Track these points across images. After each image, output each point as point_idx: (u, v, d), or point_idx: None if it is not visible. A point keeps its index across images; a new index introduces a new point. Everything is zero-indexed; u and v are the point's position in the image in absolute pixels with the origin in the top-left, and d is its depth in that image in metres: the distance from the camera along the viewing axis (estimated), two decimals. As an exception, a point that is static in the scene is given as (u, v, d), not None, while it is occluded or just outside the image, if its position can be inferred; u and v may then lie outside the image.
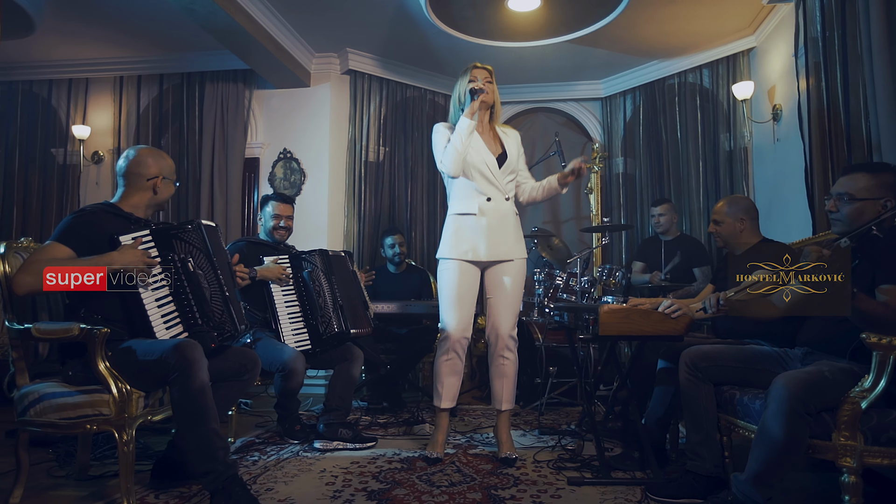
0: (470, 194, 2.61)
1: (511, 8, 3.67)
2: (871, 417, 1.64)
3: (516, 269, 2.64)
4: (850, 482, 1.62)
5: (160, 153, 2.33)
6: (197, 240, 2.20)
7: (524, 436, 3.10)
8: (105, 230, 2.08)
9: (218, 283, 2.23)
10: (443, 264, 2.63)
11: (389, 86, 4.93)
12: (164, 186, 2.28)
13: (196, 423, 1.94)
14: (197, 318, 2.12)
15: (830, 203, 2.01)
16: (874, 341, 1.60)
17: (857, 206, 1.91)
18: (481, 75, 2.64)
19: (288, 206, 3.21)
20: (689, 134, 4.66)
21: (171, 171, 2.33)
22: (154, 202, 2.28)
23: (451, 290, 2.58)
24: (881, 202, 1.89)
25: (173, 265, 2.12)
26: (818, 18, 2.99)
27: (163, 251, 2.11)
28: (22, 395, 1.97)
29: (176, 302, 2.11)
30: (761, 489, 1.73)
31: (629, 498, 2.15)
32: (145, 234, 2.11)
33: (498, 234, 2.60)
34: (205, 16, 3.55)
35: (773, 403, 1.70)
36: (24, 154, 4.99)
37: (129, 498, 1.91)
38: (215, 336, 2.14)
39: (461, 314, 2.58)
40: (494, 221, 2.60)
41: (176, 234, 2.16)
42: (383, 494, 2.17)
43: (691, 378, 2.13)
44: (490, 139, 2.68)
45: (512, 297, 2.62)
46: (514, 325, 2.64)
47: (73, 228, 2.05)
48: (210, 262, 2.22)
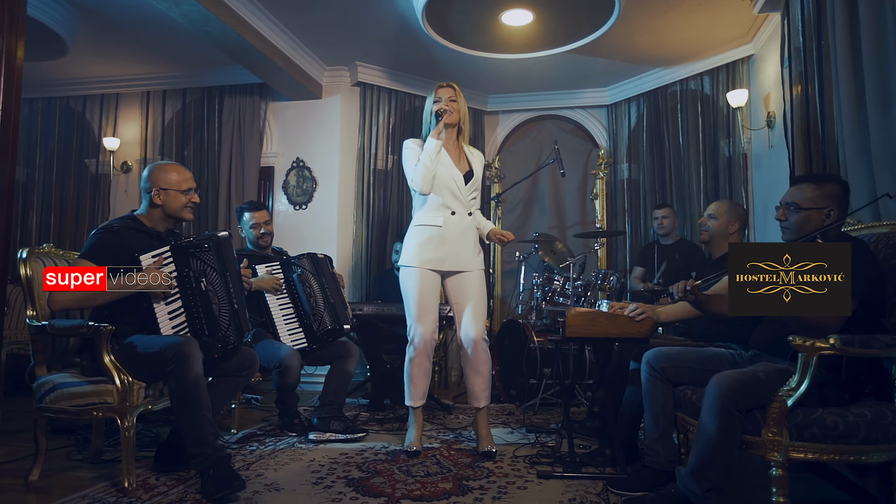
0: (436, 207, 2.78)
1: (505, 23, 3.82)
2: (798, 415, 1.73)
3: (476, 278, 2.81)
4: (777, 475, 1.72)
5: (164, 167, 2.47)
6: (211, 257, 2.38)
7: (511, 433, 3.24)
8: (129, 247, 2.29)
9: (227, 297, 2.41)
10: (404, 272, 2.81)
11: (398, 97, 5.13)
12: (168, 197, 2.41)
13: (190, 410, 2.16)
14: (205, 331, 2.34)
15: (779, 212, 2.11)
16: (799, 343, 1.70)
17: (804, 215, 2.00)
18: (445, 94, 2.80)
19: (263, 213, 3.41)
20: (691, 140, 4.72)
21: (170, 183, 2.41)
22: (165, 214, 2.44)
23: (414, 296, 2.75)
24: (825, 211, 1.98)
25: (188, 281, 2.32)
26: (800, 29, 3.05)
27: (180, 266, 2.32)
28: (39, 384, 2.23)
29: (187, 314, 2.34)
30: (699, 481, 1.84)
31: (590, 490, 2.27)
32: (165, 250, 2.33)
33: (459, 247, 2.77)
34: (218, 36, 3.82)
35: (708, 401, 1.81)
36: (60, 164, 5.39)
37: (130, 477, 2.15)
38: (219, 347, 2.36)
39: (427, 319, 2.76)
40: (456, 234, 2.78)
41: (193, 253, 2.35)
42: (361, 482, 2.35)
43: (651, 378, 2.24)
44: (457, 156, 2.84)
45: (477, 303, 2.78)
46: (483, 329, 2.79)
47: (99, 245, 2.28)
48: (222, 278, 2.40)
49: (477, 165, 2.88)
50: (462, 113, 2.84)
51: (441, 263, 2.77)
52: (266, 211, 3.46)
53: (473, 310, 2.77)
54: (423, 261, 2.76)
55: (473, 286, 2.80)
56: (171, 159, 5.22)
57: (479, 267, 2.84)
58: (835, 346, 1.67)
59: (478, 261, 2.84)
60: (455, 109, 2.79)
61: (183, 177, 2.46)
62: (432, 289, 2.78)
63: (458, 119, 2.82)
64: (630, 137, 5.26)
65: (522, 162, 5.53)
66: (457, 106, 2.80)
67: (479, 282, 2.81)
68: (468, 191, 2.81)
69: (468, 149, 2.91)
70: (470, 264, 2.80)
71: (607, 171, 5.41)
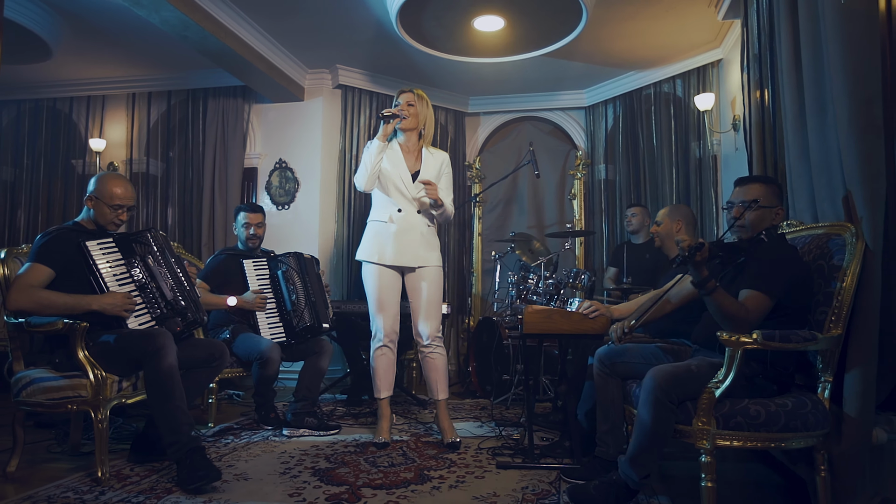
0: (385, 205, 2.93)
1: (477, 28, 3.93)
2: (725, 405, 1.85)
3: (430, 275, 2.92)
4: (706, 462, 1.83)
5: (104, 178, 2.53)
6: (154, 243, 2.57)
7: (480, 427, 3.36)
8: (74, 242, 2.41)
9: (177, 278, 2.59)
10: (363, 268, 2.94)
11: (379, 99, 5.23)
12: (96, 207, 2.49)
13: (164, 400, 2.27)
14: (162, 307, 2.48)
15: (735, 210, 2.19)
16: (725, 338, 1.81)
17: (760, 212, 2.09)
18: (404, 99, 2.92)
19: (258, 215, 3.54)
20: (664, 142, 4.84)
21: (106, 194, 2.47)
22: (100, 222, 2.51)
23: (374, 292, 2.89)
24: (774, 210, 2.10)
25: (137, 265, 2.48)
26: (757, 37, 3.17)
27: (126, 255, 2.48)
28: (17, 379, 2.34)
29: (141, 293, 2.48)
30: (637, 468, 1.96)
31: (544, 479, 2.39)
32: (109, 241, 2.48)
33: (404, 243, 2.89)
34: (198, 41, 3.91)
35: (643, 393, 1.93)
36: (48, 165, 5.47)
37: (103, 467, 2.26)
38: (179, 321, 2.50)
39: (387, 313, 2.89)
40: (402, 230, 2.90)
41: (135, 239, 2.53)
42: (327, 472, 2.46)
43: (601, 373, 2.36)
44: (413, 158, 2.96)
45: (429, 301, 2.90)
46: (437, 327, 2.91)
47: (47, 247, 2.37)
48: (167, 261, 2.59)
49: (431, 165, 2.97)
50: (422, 117, 2.94)
51: (391, 258, 2.89)
52: (261, 214, 3.58)
53: (425, 309, 2.89)
54: (370, 254, 2.92)
55: (427, 285, 2.91)
56: (157, 160, 5.32)
57: (432, 264, 2.93)
58: (757, 340, 1.79)
59: (429, 258, 2.94)
60: (413, 114, 2.89)
61: (113, 190, 2.50)
62: (389, 284, 2.90)
63: (416, 124, 2.92)
64: (607, 139, 5.37)
65: (503, 162, 5.63)
66: (414, 110, 2.91)
67: (432, 280, 2.92)
68: (416, 189, 2.92)
69: (428, 150, 3.01)
70: (418, 260, 2.91)
71: (585, 171, 5.52)
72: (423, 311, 2.90)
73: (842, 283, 1.89)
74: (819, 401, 1.88)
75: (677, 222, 2.97)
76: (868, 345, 1.86)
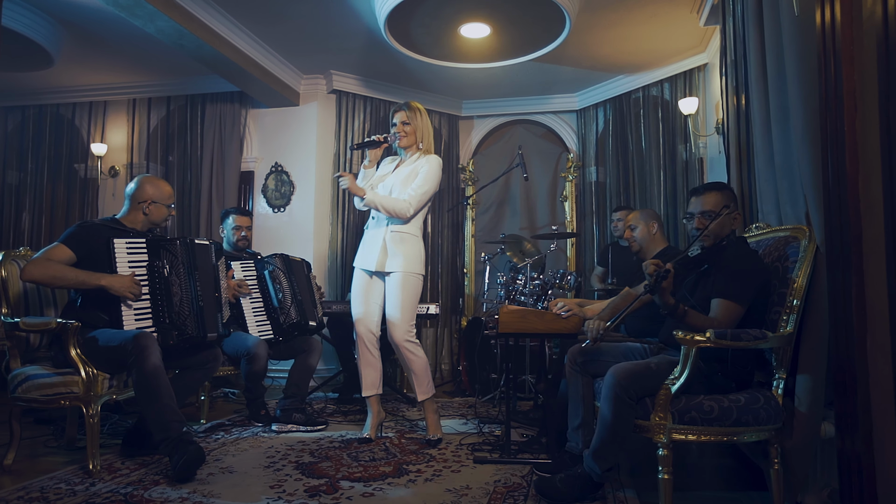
0: (371, 211, 3.08)
1: (464, 35, 4.02)
2: (681, 401, 1.93)
3: (392, 280, 2.98)
4: (663, 455, 1.92)
5: (156, 182, 2.78)
6: (182, 253, 2.68)
7: (465, 424, 3.45)
8: (106, 238, 2.56)
9: (192, 291, 2.67)
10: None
11: (372, 103, 5.33)
12: (155, 209, 2.74)
13: (151, 399, 2.37)
14: (165, 317, 2.56)
15: (697, 221, 2.25)
16: (681, 337, 1.90)
17: (720, 220, 2.17)
18: (399, 118, 3.01)
19: (246, 218, 3.67)
20: (652, 144, 4.91)
21: (163, 196, 2.76)
22: (148, 221, 2.75)
23: (352, 294, 3.02)
24: (732, 215, 2.18)
25: (156, 271, 2.59)
26: (733, 43, 3.24)
27: (151, 258, 2.61)
28: (13, 376, 2.45)
29: (151, 299, 2.58)
30: (599, 462, 2.05)
31: (516, 473, 2.48)
32: (141, 241, 2.62)
33: (369, 249, 3.04)
34: (193, 50, 4.02)
35: (604, 389, 2.01)
36: (51, 169, 5.61)
37: (94, 460, 2.37)
38: (175, 335, 2.58)
39: (363, 314, 3.00)
40: (371, 236, 3.05)
41: (164, 245, 2.64)
42: (309, 466, 2.56)
43: (572, 371, 2.44)
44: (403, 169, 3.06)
45: (391, 305, 2.97)
46: (406, 330, 2.96)
47: (76, 234, 2.55)
48: (189, 273, 2.67)
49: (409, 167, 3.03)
50: (420, 131, 3.02)
51: (359, 261, 3.07)
52: (249, 218, 3.74)
53: (388, 313, 2.99)
54: (356, 259, 3.09)
55: (390, 289, 3.00)
56: (156, 164, 5.44)
57: (394, 269, 2.97)
58: (710, 339, 1.87)
59: (391, 263, 2.97)
60: (410, 132, 2.99)
61: (167, 191, 2.79)
62: (363, 286, 3.04)
63: (413, 141, 3.02)
64: (598, 141, 5.45)
65: (496, 165, 5.71)
66: (411, 128, 2.99)
67: (394, 285, 2.97)
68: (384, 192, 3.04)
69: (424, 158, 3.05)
70: (381, 265, 2.97)
71: (577, 174, 5.60)
72: (387, 314, 3.00)
73: (793, 283, 1.96)
74: (772, 397, 1.96)
75: (652, 224, 3.05)
76: (819, 343, 1.93)
